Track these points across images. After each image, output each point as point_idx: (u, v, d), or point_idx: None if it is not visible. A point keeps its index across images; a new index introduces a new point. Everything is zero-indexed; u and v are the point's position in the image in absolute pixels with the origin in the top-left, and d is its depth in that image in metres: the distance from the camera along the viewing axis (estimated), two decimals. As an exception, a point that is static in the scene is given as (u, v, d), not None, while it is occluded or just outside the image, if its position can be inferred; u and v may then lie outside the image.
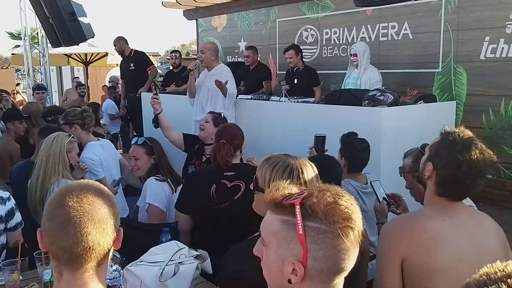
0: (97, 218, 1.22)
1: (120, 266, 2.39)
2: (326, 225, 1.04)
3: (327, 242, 1.04)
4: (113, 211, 1.28)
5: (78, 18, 7.10)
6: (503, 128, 5.40)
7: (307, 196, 1.08)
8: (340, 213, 1.05)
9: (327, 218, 1.04)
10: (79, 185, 1.29)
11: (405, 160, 2.52)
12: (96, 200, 1.25)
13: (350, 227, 1.05)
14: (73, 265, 1.22)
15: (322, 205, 1.05)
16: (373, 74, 5.44)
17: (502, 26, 5.29)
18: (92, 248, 1.21)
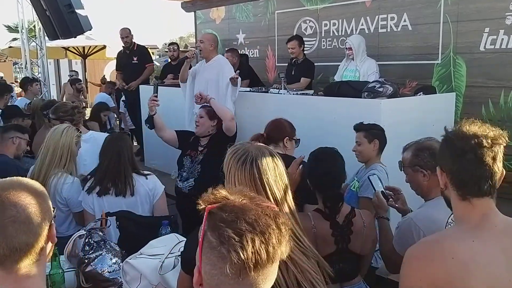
0: (20, 220, 1.20)
1: (120, 259, 2.39)
2: (216, 242, 0.98)
3: (212, 259, 0.99)
4: (41, 208, 1.25)
5: (75, 11, 7.05)
6: (503, 119, 5.39)
7: (220, 206, 1.03)
8: (228, 236, 0.97)
9: (219, 236, 0.98)
10: (3, 185, 1.25)
11: (405, 154, 2.48)
12: (19, 200, 1.22)
13: (236, 252, 0.95)
14: (3, 265, 1.21)
15: (221, 221, 1.00)
16: (370, 65, 5.44)
17: (502, 17, 5.27)
18: (19, 249, 1.19)
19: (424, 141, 2.44)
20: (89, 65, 15.65)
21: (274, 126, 3.35)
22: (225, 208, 1.02)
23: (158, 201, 3.13)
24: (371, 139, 3.19)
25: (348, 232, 2.38)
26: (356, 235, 2.39)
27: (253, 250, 0.96)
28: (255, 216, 1.01)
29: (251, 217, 1.00)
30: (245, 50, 8.66)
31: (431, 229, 2.24)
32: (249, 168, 1.72)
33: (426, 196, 2.40)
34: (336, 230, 2.36)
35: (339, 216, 2.38)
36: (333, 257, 2.34)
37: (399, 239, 2.35)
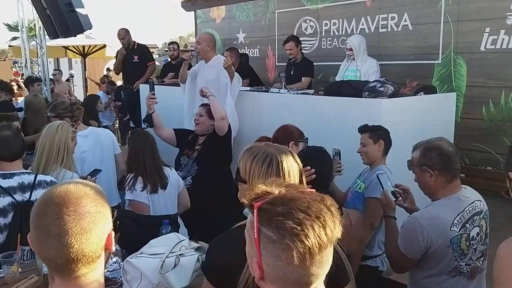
0: (78, 229, 1.15)
1: (120, 258, 2.38)
2: (276, 235, 1.02)
3: (275, 252, 1.02)
4: (98, 216, 1.20)
5: (75, 10, 7.04)
6: (503, 119, 5.39)
7: (269, 201, 1.06)
8: (290, 227, 1.01)
9: (278, 229, 1.02)
10: (60, 192, 1.20)
11: (414, 153, 2.44)
12: (77, 208, 1.17)
13: (300, 243, 1.00)
14: (61, 273, 1.18)
15: (276, 215, 1.03)
16: (371, 65, 5.43)
17: (503, 17, 5.27)
18: (77, 259, 1.16)
19: (433, 141, 2.41)
20: (89, 64, 15.63)
21: (282, 131, 3.38)
22: (275, 202, 1.05)
23: (182, 190, 3.38)
24: (376, 140, 3.17)
25: None
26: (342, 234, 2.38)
27: (314, 235, 1.01)
28: (306, 203, 1.05)
29: (303, 205, 1.04)
30: (245, 50, 8.67)
31: (435, 228, 2.24)
32: (276, 170, 1.70)
33: (433, 196, 2.39)
34: None
35: None
36: None
37: (403, 238, 2.34)
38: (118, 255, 2.42)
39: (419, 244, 2.26)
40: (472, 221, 2.30)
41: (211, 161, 3.88)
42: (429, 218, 2.28)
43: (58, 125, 3.19)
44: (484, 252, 2.40)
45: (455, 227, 2.25)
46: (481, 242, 2.36)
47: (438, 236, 2.23)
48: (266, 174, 1.71)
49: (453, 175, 2.33)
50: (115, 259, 2.38)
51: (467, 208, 2.30)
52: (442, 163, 2.31)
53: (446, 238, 2.23)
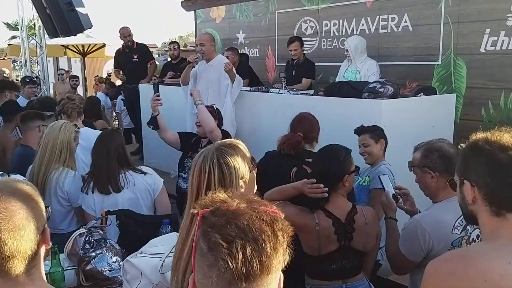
0: (11, 226, 1.15)
1: (120, 258, 2.38)
2: (206, 249, 0.91)
3: (203, 268, 0.92)
4: (33, 212, 1.20)
5: (75, 9, 7.06)
6: (503, 121, 5.39)
7: (213, 210, 0.96)
8: (217, 242, 0.89)
9: (208, 242, 0.91)
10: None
11: (415, 154, 2.45)
12: (10, 205, 1.17)
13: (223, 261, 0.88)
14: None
15: (211, 226, 0.92)
16: (371, 66, 5.44)
17: (503, 19, 5.27)
18: (12, 256, 1.16)
19: (435, 142, 2.41)
20: (88, 63, 15.63)
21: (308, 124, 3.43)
22: (217, 212, 0.95)
23: (159, 196, 3.11)
24: (377, 139, 3.27)
25: (350, 229, 2.39)
26: (358, 232, 2.40)
27: (243, 259, 0.87)
28: (248, 221, 0.92)
29: (244, 222, 0.92)
30: (245, 50, 8.66)
31: (437, 232, 2.24)
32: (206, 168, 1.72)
33: (434, 197, 2.39)
34: (338, 228, 2.37)
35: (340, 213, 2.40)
36: (336, 254, 2.37)
37: (404, 240, 2.34)
38: (118, 254, 2.42)
39: (420, 247, 2.25)
40: (473, 223, 2.30)
41: None
42: (430, 221, 2.28)
43: (61, 125, 3.20)
44: (484, 254, 2.40)
45: (457, 230, 2.24)
46: (482, 245, 2.36)
47: (440, 239, 2.23)
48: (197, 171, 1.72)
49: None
50: (115, 259, 2.39)
51: None
52: (443, 165, 2.30)
53: (447, 241, 2.23)
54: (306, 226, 2.36)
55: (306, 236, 2.37)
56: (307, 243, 2.39)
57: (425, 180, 2.37)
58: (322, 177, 2.40)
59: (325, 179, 2.39)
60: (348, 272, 2.43)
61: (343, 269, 2.40)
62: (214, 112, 4.02)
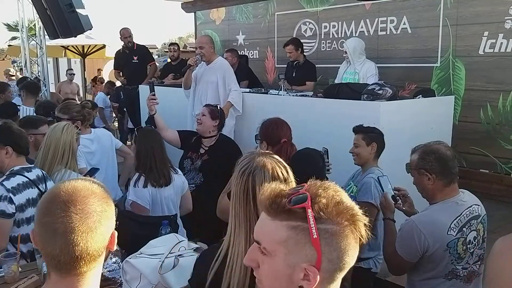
0: (84, 228, 1.16)
1: (120, 259, 2.40)
2: (337, 226, 1.01)
3: (340, 242, 1.01)
4: (104, 215, 1.21)
5: (76, 10, 7.05)
6: (501, 123, 5.42)
7: (314, 197, 1.02)
8: (346, 211, 1.02)
9: (338, 219, 1.01)
10: (68, 189, 1.20)
11: (412, 157, 2.46)
12: (85, 207, 1.18)
13: (356, 223, 1.02)
14: (61, 270, 1.18)
15: (331, 206, 1.01)
16: (369, 68, 5.45)
17: (501, 21, 5.29)
18: (81, 257, 1.17)
19: (432, 144, 2.43)
20: (88, 64, 15.62)
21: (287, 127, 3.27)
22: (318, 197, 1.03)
23: (185, 194, 3.42)
24: (369, 142, 3.16)
25: None
26: None
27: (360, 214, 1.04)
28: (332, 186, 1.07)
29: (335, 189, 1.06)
30: (245, 51, 8.68)
31: (433, 232, 2.26)
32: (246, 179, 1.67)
33: (430, 199, 2.41)
34: None
35: None
36: None
37: (400, 241, 2.36)
38: (118, 255, 2.43)
39: (416, 248, 2.27)
40: (469, 225, 2.32)
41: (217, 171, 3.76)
42: (426, 222, 2.30)
43: (63, 126, 3.21)
44: (481, 257, 2.41)
45: (452, 231, 2.26)
46: (478, 246, 2.38)
47: (435, 240, 2.25)
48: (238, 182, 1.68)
49: (450, 179, 2.35)
50: (114, 259, 2.39)
51: (464, 212, 2.32)
52: (440, 167, 2.32)
53: (443, 242, 2.25)
54: None
55: None
56: None
57: (422, 182, 2.39)
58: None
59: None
60: None
61: None
62: (215, 112, 4.02)
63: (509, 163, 5.38)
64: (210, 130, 3.98)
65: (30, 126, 3.59)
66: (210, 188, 3.70)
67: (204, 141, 3.98)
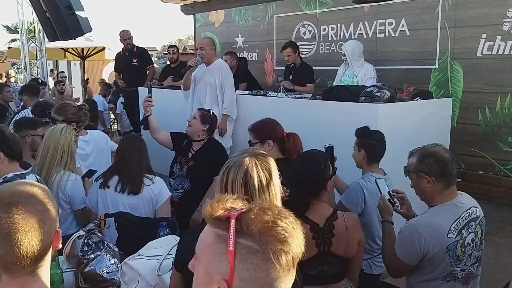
0: (28, 228, 1.20)
1: (118, 260, 2.40)
2: (258, 245, 0.96)
3: (256, 263, 0.96)
4: (47, 214, 1.25)
5: (75, 12, 7.06)
6: (499, 125, 5.43)
7: (246, 211, 1.00)
8: (275, 234, 0.96)
9: (261, 238, 0.96)
10: (9, 192, 1.24)
11: (410, 160, 2.44)
12: (27, 207, 1.21)
13: (284, 251, 0.95)
14: (9, 270, 1.22)
15: (259, 223, 0.97)
16: (368, 70, 5.46)
17: (499, 24, 5.31)
18: (26, 256, 1.20)
19: (430, 147, 2.42)
20: (88, 67, 15.63)
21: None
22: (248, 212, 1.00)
23: (160, 208, 3.12)
24: (359, 148, 3.08)
25: (330, 235, 2.35)
26: (338, 238, 2.36)
27: (296, 245, 0.98)
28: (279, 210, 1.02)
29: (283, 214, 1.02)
30: (244, 54, 8.70)
31: (433, 235, 2.25)
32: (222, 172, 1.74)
33: (430, 202, 2.40)
34: (316, 233, 2.34)
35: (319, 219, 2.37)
36: (316, 259, 2.33)
37: (400, 244, 2.36)
38: (116, 256, 2.44)
39: (416, 251, 2.27)
40: (468, 227, 2.32)
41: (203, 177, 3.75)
42: (426, 225, 2.30)
43: (62, 128, 3.21)
44: (479, 258, 2.41)
45: (452, 234, 2.26)
46: (476, 248, 2.38)
47: (435, 243, 2.25)
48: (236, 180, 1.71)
49: (449, 181, 2.35)
50: (113, 261, 2.40)
51: (463, 215, 2.32)
52: (439, 169, 2.32)
53: (443, 245, 2.25)
54: None
55: None
56: None
57: (421, 185, 2.39)
58: (306, 186, 2.40)
59: (309, 188, 2.40)
60: (330, 278, 2.40)
61: (323, 274, 2.37)
62: (206, 116, 4.00)
63: (507, 165, 5.39)
64: (199, 134, 3.90)
65: (28, 127, 3.57)
66: (197, 194, 3.68)
67: (194, 145, 3.93)
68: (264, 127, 3.21)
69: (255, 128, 3.20)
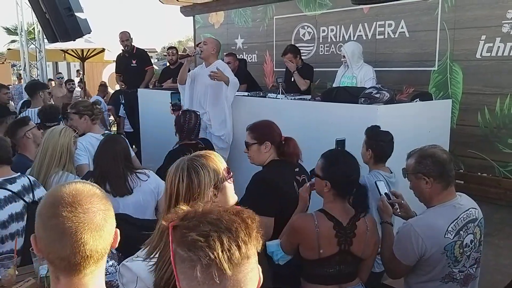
0: (93, 226, 1.18)
1: (116, 262, 2.40)
2: (185, 252, 0.95)
3: (187, 272, 0.95)
4: (108, 214, 1.24)
5: (75, 14, 7.05)
6: (498, 126, 5.43)
7: (181, 217, 1.00)
8: (193, 239, 0.94)
9: (185, 245, 0.95)
10: (71, 191, 1.21)
11: (408, 161, 2.45)
12: (91, 206, 1.20)
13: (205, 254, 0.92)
14: (70, 272, 1.19)
15: (184, 229, 0.97)
16: (367, 72, 5.45)
17: (498, 25, 5.32)
18: (91, 256, 1.18)
19: (427, 148, 2.43)
20: (88, 68, 15.63)
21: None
22: (186, 217, 1.00)
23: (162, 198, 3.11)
24: (367, 147, 3.11)
25: (351, 234, 2.36)
26: (358, 239, 2.37)
27: (222, 248, 0.93)
28: (217, 215, 0.98)
29: (213, 217, 0.98)
30: (243, 55, 8.70)
31: (430, 236, 2.26)
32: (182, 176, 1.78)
33: (428, 203, 2.40)
34: (339, 232, 2.35)
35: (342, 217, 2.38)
36: (335, 258, 2.34)
37: (398, 245, 2.36)
38: (114, 258, 2.43)
39: (413, 251, 2.28)
40: (466, 228, 2.32)
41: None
42: (423, 225, 2.30)
43: (61, 130, 3.22)
44: (478, 260, 2.42)
45: (449, 234, 2.26)
46: (475, 250, 2.38)
47: (433, 243, 2.25)
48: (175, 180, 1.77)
49: (448, 182, 2.35)
50: (111, 263, 2.40)
51: (461, 216, 2.32)
52: (437, 170, 2.33)
53: (440, 245, 2.25)
54: (305, 228, 2.34)
55: (305, 238, 2.35)
56: (306, 245, 2.36)
57: (419, 186, 2.39)
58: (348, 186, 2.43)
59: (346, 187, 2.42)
60: (345, 277, 2.41)
61: (340, 273, 2.38)
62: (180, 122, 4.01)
63: (507, 166, 5.39)
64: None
65: (22, 125, 3.59)
66: None
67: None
68: (263, 128, 3.16)
69: (254, 128, 3.14)
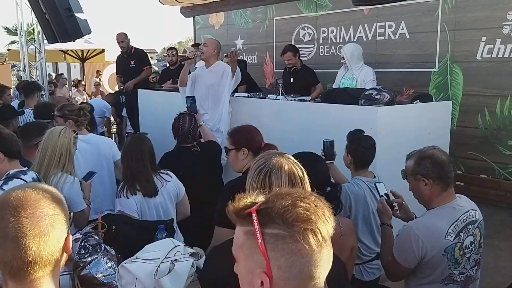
0: (36, 231, 1.14)
1: (115, 263, 2.39)
2: (284, 230, 0.98)
3: (287, 248, 0.98)
4: (56, 219, 1.19)
5: (74, 14, 7.04)
6: (499, 128, 5.42)
7: (264, 202, 1.04)
8: (297, 215, 0.98)
9: (284, 222, 0.98)
10: (18, 195, 1.18)
11: (408, 162, 2.44)
12: (36, 211, 1.16)
13: (310, 229, 0.98)
14: (15, 277, 1.16)
15: (277, 209, 1.00)
16: (367, 73, 5.45)
17: (499, 27, 5.31)
18: (34, 261, 1.15)
19: (427, 149, 2.42)
20: (88, 69, 15.64)
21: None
22: (273, 199, 1.03)
23: (182, 200, 3.30)
24: (347, 152, 3.05)
25: None
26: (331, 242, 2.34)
27: (322, 221, 1.00)
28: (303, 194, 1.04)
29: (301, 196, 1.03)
30: (243, 56, 8.70)
31: (431, 238, 2.25)
32: (262, 178, 1.70)
33: (427, 205, 2.40)
34: None
35: None
36: None
37: (398, 247, 2.35)
38: (113, 260, 2.43)
39: (414, 254, 2.27)
40: (466, 230, 2.31)
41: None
42: (424, 227, 2.29)
43: (61, 130, 3.20)
44: (478, 261, 2.41)
45: (450, 236, 2.26)
46: (475, 251, 2.37)
47: (433, 245, 2.24)
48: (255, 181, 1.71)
49: (447, 183, 2.35)
50: (110, 264, 2.39)
51: (461, 217, 2.32)
52: (436, 172, 2.32)
53: (440, 247, 2.25)
54: None
55: None
56: None
57: (418, 188, 2.38)
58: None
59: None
60: None
61: None
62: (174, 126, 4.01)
63: (507, 168, 5.38)
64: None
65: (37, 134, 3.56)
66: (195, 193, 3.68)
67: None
68: (241, 133, 2.98)
69: (233, 133, 2.98)
